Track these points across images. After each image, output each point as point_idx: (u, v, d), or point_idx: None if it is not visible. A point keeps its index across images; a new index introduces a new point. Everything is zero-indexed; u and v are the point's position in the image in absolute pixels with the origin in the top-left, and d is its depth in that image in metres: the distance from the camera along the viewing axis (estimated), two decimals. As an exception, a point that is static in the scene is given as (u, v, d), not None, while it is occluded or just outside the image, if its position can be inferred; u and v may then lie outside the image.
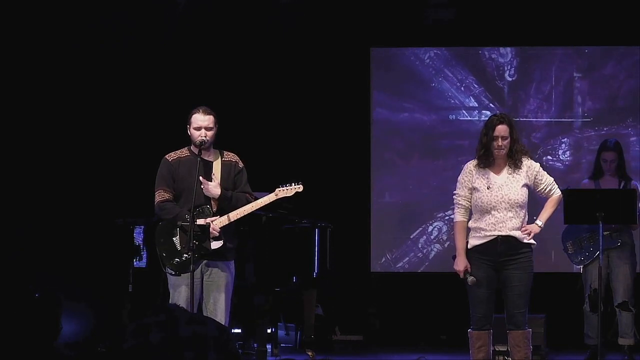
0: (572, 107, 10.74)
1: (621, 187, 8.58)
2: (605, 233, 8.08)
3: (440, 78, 10.84)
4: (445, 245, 10.80)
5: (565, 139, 10.71)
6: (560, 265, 10.30)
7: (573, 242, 8.71)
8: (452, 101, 10.82)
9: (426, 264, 10.83)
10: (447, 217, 10.75)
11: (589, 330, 8.65)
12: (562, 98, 10.72)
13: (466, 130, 10.66)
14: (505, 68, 10.82)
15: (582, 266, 8.71)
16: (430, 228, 10.85)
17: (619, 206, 7.91)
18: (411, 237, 10.87)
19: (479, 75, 10.81)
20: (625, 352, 8.64)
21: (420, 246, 10.84)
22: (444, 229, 10.79)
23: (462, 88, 10.81)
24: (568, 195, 7.86)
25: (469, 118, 10.81)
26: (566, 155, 10.67)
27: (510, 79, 10.81)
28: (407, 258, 10.84)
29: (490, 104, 10.77)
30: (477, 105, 10.81)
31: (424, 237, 10.86)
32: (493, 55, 10.82)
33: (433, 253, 10.83)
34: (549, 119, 10.74)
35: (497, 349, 8.15)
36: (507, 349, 7.42)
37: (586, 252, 8.62)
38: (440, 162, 10.76)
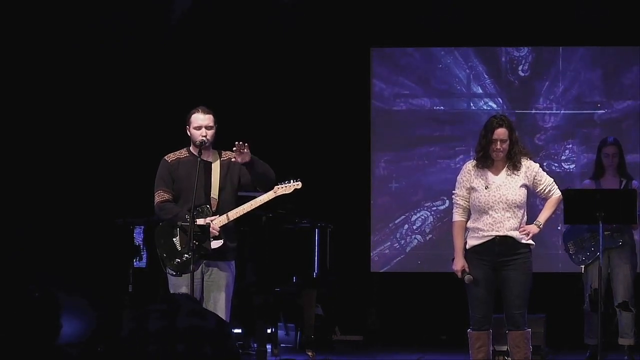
0: (582, 111, 10.59)
1: (622, 187, 8.58)
2: (606, 233, 8.08)
3: (448, 60, 10.73)
4: (427, 238, 10.71)
5: (570, 145, 10.58)
6: (560, 265, 10.31)
7: (574, 242, 8.71)
8: (458, 87, 10.69)
9: (401, 257, 10.75)
10: (434, 208, 10.70)
11: (589, 330, 8.66)
12: (573, 101, 10.59)
13: (470, 120, 10.58)
14: (520, 62, 10.68)
15: (583, 266, 8.71)
16: (414, 217, 10.77)
17: (619, 206, 7.91)
18: (390, 225, 10.78)
19: (490, 65, 10.68)
20: (626, 352, 8.64)
21: (398, 236, 10.75)
22: (430, 219, 10.72)
23: (471, 76, 10.68)
24: (568, 195, 7.86)
25: (473, 108, 10.68)
26: (569, 161, 10.56)
27: (522, 74, 10.69)
28: (380, 248, 10.74)
29: (498, 97, 10.65)
30: (482, 95, 10.67)
31: (406, 226, 10.77)
32: (509, 48, 10.71)
33: (412, 245, 10.70)
34: (555, 121, 10.60)
35: (497, 349, 8.15)
36: (507, 348, 7.41)
37: (587, 252, 8.62)
38: (440, 156, 10.71)
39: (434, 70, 10.76)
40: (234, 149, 6.71)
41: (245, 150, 6.70)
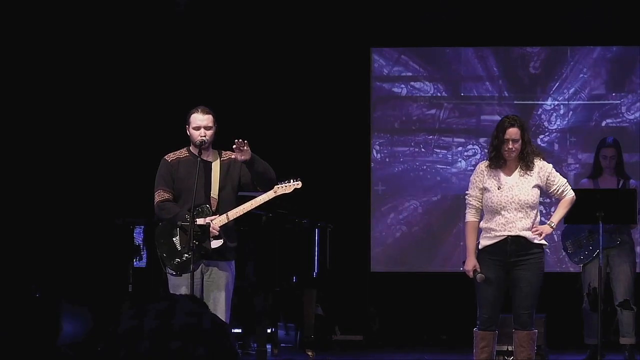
0: (591, 117, 10.42)
1: (620, 186, 8.58)
2: (604, 232, 8.07)
3: (456, 48, 10.62)
4: (413, 229, 10.62)
5: (574, 150, 10.46)
6: (560, 265, 10.31)
7: (572, 242, 8.71)
8: (462, 74, 10.57)
9: (378, 248, 10.66)
10: (425, 198, 10.63)
11: (588, 329, 8.65)
12: (582, 104, 10.44)
13: (472, 113, 10.53)
14: (532, 59, 10.52)
15: (581, 265, 8.72)
16: (401, 207, 10.67)
17: (619, 206, 7.91)
18: (377, 214, 10.66)
19: (500, 58, 10.54)
20: (627, 351, 8.62)
21: (380, 226, 10.68)
22: (419, 209, 10.66)
23: (480, 66, 10.55)
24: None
25: (477, 99, 10.55)
26: (572, 164, 10.42)
27: (533, 72, 10.54)
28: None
29: (505, 92, 10.52)
30: (489, 89, 10.53)
31: (392, 214, 10.73)
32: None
33: (396, 236, 10.60)
34: (561, 124, 10.46)
35: (496, 349, 8.13)
36: (507, 348, 7.40)
37: (585, 251, 8.62)
38: (443, 155, 10.68)
39: (440, 60, 10.67)
40: (234, 146, 6.71)
41: (245, 147, 6.70)
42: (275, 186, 6.84)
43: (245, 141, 6.70)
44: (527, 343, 6.99)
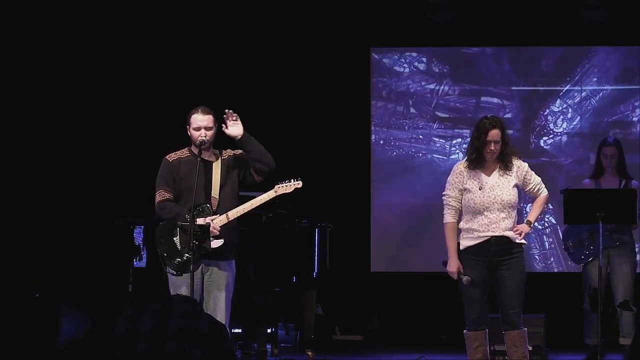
0: (599, 122, 10.30)
1: (622, 186, 8.58)
2: (605, 232, 8.08)
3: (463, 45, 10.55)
4: (413, 230, 10.51)
5: (574, 155, 10.37)
6: (560, 265, 10.30)
7: (574, 241, 8.71)
8: (467, 65, 10.52)
9: (378, 248, 10.60)
10: (425, 198, 10.56)
11: (588, 329, 8.66)
12: (591, 108, 10.29)
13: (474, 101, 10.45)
14: (545, 57, 10.39)
15: (582, 265, 8.72)
16: (401, 207, 10.56)
17: (619, 206, 7.91)
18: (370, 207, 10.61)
19: (512, 55, 10.42)
20: (626, 352, 8.62)
21: (380, 226, 10.61)
22: (420, 209, 10.53)
23: (489, 60, 10.43)
24: (568, 195, 7.86)
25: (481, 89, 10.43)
26: (573, 168, 10.31)
27: (545, 70, 10.39)
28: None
29: (513, 88, 10.37)
30: (497, 85, 10.39)
31: (392, 215, 10.59)
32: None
33: (395, 235, 10.56)
34: (567, 127, 10.32)
35: (496, 349, 8.14)
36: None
37: (586, 250, 8.62)
38: (441, 146, 10.65)
39: (450, 54, 10.61)
40: (224, 116, 6.76)
41: (236, 120, 6.75)
42: (276, 186, 6.86)
43: (236, 114, 6.75)
44: (519, 342, 7.00)
